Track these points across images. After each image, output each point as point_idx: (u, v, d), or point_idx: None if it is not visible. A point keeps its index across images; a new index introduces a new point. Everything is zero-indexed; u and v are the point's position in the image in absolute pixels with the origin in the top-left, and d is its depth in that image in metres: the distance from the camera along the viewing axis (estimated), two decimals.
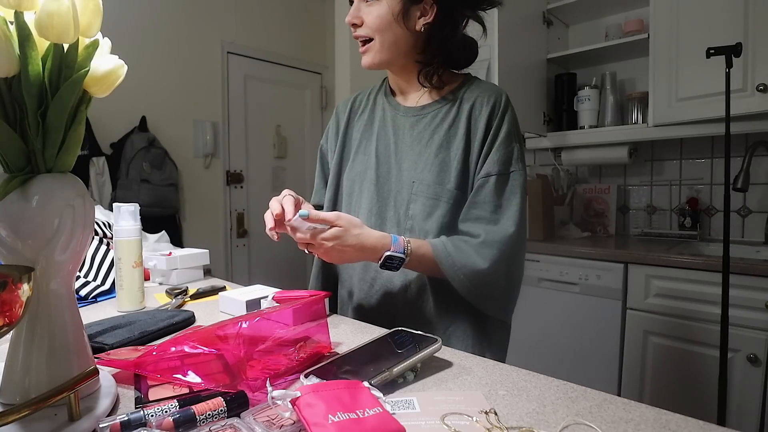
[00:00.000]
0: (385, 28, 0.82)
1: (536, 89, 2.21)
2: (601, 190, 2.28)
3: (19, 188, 0.44)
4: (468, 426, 0.43)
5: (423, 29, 0.84)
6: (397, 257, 0.76)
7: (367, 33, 0.84)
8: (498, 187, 0.82)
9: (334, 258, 0.76)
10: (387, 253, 0.75)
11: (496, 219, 0.81)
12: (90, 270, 1.02)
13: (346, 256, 0.76)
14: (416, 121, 0.89)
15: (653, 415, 0.46)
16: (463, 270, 0.78)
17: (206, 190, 2.66)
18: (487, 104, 0.85)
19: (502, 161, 0.83)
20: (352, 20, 0.84)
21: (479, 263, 0.78)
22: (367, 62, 0.86)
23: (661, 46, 1.81)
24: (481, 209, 0.82)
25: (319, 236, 0.73)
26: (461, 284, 0.79)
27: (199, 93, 2.59)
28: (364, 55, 0.86)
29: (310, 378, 0.51)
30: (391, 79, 0.95)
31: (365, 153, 0.93)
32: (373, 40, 0.84)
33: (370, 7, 0.83)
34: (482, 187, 0.82)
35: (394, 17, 0.81)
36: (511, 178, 0.83)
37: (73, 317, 0.49)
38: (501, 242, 0.80)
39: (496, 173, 0.82)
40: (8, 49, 0.41)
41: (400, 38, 0.84)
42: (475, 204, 0.83)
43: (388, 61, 0.86)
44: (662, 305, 1.62)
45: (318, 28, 3.20)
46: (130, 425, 0.40)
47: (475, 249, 0.79)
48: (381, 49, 0.84)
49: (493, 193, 0.82)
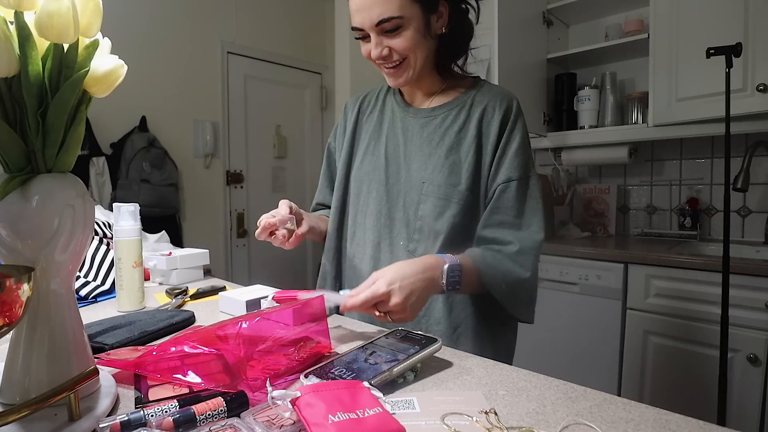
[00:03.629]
0: (417, 47, 0.81)
1: (536, 89, 2.21)
2: (601, 190, 2.28)
3: (19, 188, 0.44)
4: (468, 426, 0.43)
5: (444, 30, 0.84)
6: (455, 265, 0.74)
7: (399, 57, 0.82)
8: (520, 192, 0.83)
9: (415, 308, 0.70)
10: (446, 265, 0.73)
11: (519, 224, 0.82)
12: (90, 270, 1.02)
13: (415, 296, 0.69)
14: (426, 123, 0.89)
15: (653, 415, 0.45)
16: (505, 279, 0.79)
17: (206, 190, 2.66)
18: (500, 109, 0.85)
19: (522, 166, 0.84)
20: (382, 55, 0.81)
21: (521, 273, 0.79)
22: (402, 82, 0.85)
23: (661, 46, 1.81)
24: (504, 214, 0.82)
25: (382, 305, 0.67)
26: (502, 293, 0.80)
27: (199, 93, 2.59)
28: (395, 77, 0.85)
29: (310, 378, 0.51)
30: None
31: (374, 154, 0.93)
32: (406, 59, 0.83)
33: (396, 37, 0.80)
34: (504, 193, 0.83)
35: (422, 35, 0.81)
36: (530, 183, 0.84)
37: (73, 317, 0.49)
38: (535, 248, 0.82)
39: (517, 178, 0.83)
40: (8, 49, 0.41)
41: (429, 49, 0.84)
42: (498, 209, 0.83)
43: (419, 74, 0.86)
44: (662, 305, 1.62)
45: (318, 28, 3.20)
46: (130, 425, 0.40)
47: (513, 258, 0.80)
48: (415, 66, 0.83)
49: (515, 198, 0.82)
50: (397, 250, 0.88)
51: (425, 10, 0.80)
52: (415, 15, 0.79)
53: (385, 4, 0.76)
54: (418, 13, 0.79)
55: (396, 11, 0.77)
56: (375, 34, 0.80)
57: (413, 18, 0.79)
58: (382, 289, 0.66)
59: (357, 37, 0.84)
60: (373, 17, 0.78)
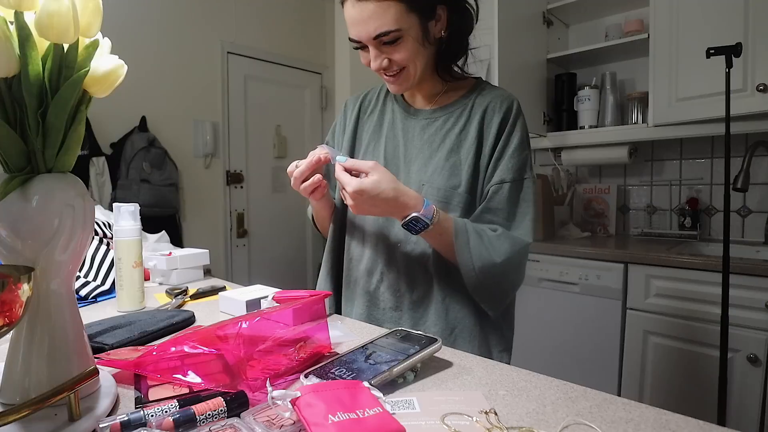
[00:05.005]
0: (416, 56, 0.80)
1: (536, 89, 2.21)
2: (601, 190, 2.28)
3: (19, 188, 0.44)
4: (468, 426, 0.43)
5: (442, 34, 0.83)
6: (423, 221, 0.74)
7: (399, 66, 0.81)
8: (512, 194, 0.82)
9: (363, 209, 0.74)
10: (414, 214, 0.74)
11: (508, 226, 0.82)
12: (90, 270, 1.02)
13: (376, 209, 0.74)
14: (427, 125, 0.89)
15: (653, 415, 0.45)
16: (475, 259, 0.78)
17: (206, 190, 2.66)
18: (500, 110, 0.85)
19: (516, 168, 0.83)
20: (382, 66, 0.81)
21: (494, 256, 0.78)
22: (403, 89, 0.85)
23: (661, 46, 1.81)
24: (495, 215, 0.82)
25: (358, 184, 0.71)
26: (468, 269, 0.79)
27: (199, 93, 2.59)
28: (396, 84, 0.84)
29: (310, 378, 0.51)
30: None
31: (374, 155, 0.93)
32: (405, 68, 0.82)
33: (395, 49, 0.79)
34: (496, 194, 0.82)
35: (421, 43, 0.80)
36: (524, 186, 0.83)
37: (73, 317, 0.49)
38: (518, 246, 0.80)
39: (510, 180, 0.82)
40: (8, 49, 0.41)
41: (428, 55, 0.83)
42: (489, 210, 0.82)
43: (420, 79, 0.85)
44: (662, 305, 1.62)
45: (318, 28, 3.20)
46: (130, 425, 0.40)
47: (492, 240, 0.79)
48: (415, 73, 0.83)
49: (507, 200, 0.82)
50: (395, 252, 0.87)
51: (423, 18, 0.78)
52: (412, 25, 0.77)
53: (382, 17, 0.74)
54: (415, 23, 0.77)
55: (393, 24, 0.75)
56: (373, 47, 0.79)
57: (411, 28, 0.77)
58: (364, 187, 0.71)
59: (355, 47, 0.83)
60: (371, 31, 0.76)
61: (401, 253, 0.86)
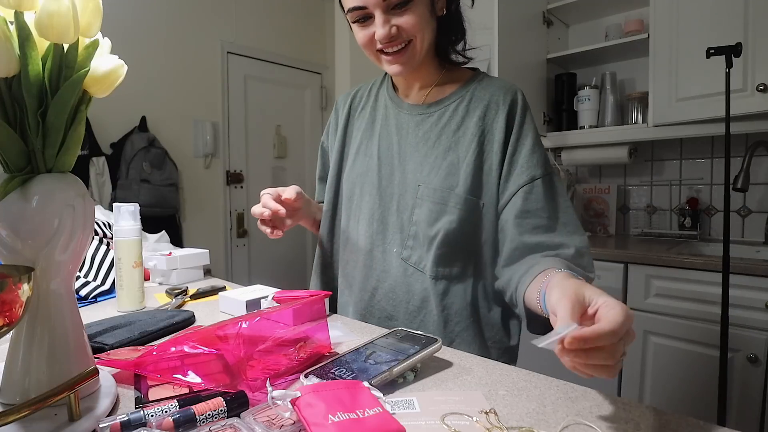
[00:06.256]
0: (425, 26, 0.76)
1: (536, 89, 2.21)
2: (601, 190, 2.28)
3: (19, 188, 0.44)
4: (468, 426, 0.43)
5: (443, 12, 0.80)
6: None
7: (406, 38, 0.76)
8: (546, 190, 0.77)
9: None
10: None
11: (554, 226, 0.76)
12: (90, 270, 1.02)
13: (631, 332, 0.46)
14: (422, 120, 0.84)
15: (653, 415, 0.45)
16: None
17: (206, 190, 2.66)
18: (504, 104, 0.80)
19: (542, 163, 0.78)
20: (390, 34, 0.74)
21: (589, 276, 0.72)
22: (406, 68, 0.79)
23: (661, 46, 1.81)
24: (537, 218, 0.76)
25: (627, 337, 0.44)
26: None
27: (199, 93, 2.59)
28: (398, 62, 0.78)
29: (310, 378, 0.51)
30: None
31: (366, 154, 0.88)
32: (412, 41, 0.76)
33: (404, 14, 0.74)
34: (530, 194, 0.76)
35: (429, 12, 0.76)
36: (554, 180, 0.79)
37: (73, 317, 0.49)
38: (587, 247, 0.76)
39: (541, 176, 0.77)
40: (8, 49, 0.41)
41: (434, 30, 0.79)
42: (528, 213, 0.76)
43: (423, 59, 0.80)
44: (662, 305, 1.62)
45: (318, 28, 3.20)
46: (130, 425, 0.40)
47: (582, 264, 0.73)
48: (421, 49, 0.77)
49: (543, 198, 0.76)
50: (390, 258, 0.83)
51: None
52: None
53: None
54: None
55: None
56: (381, 12, 0.73)
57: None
58: (621, 317, 0.42)
59: (354, 20, 0.77)
60: None
61: (396, 260, 0.83)
